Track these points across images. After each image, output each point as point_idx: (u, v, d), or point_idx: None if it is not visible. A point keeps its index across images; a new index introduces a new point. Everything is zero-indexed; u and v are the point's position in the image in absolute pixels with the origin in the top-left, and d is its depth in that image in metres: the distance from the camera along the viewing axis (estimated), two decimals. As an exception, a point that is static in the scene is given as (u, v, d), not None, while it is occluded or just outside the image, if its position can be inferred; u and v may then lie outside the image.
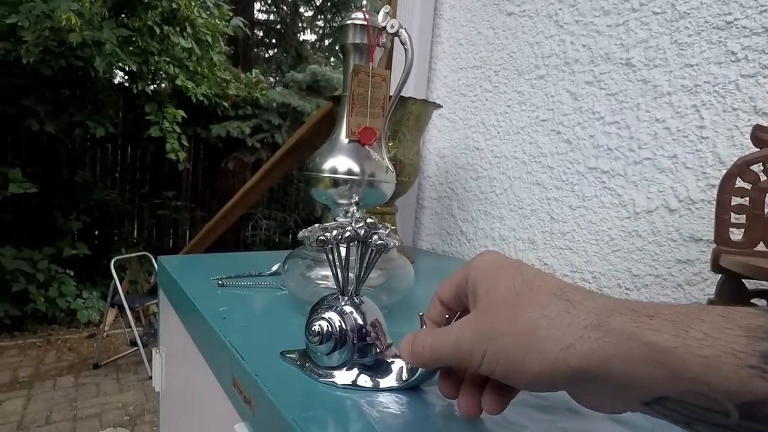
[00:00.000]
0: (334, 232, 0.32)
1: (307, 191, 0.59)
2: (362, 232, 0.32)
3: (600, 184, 0.65)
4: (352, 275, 0.33)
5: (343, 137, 0.55)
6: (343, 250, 0.34)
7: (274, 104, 3.53)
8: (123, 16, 2.43)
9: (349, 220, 0.48)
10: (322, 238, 0.32)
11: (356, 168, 0.54)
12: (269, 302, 0.48)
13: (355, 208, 0.49)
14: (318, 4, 5.66)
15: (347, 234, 0.32)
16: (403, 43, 0.56)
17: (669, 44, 0.58)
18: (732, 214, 0.38)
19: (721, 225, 0.39)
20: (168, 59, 2.69)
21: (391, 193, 0.58)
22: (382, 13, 0.56)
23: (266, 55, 5.42)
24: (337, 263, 0.33)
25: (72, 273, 2.82)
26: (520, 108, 0.77)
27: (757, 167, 0.38)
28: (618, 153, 0.63)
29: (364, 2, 0.57)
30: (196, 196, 4.12)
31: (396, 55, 0.95)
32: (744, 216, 0.38)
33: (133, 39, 2.44)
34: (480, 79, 0.84)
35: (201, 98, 2.90)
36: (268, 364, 0.32)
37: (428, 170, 0.94)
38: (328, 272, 0.45)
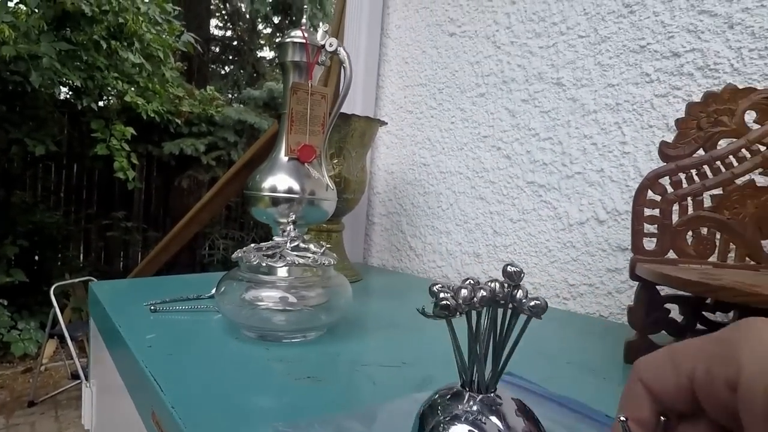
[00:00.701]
0: (464, 292, 0.20)
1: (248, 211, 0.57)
2: (498, 288, 0.21)
3: (537, 197, 0.68)
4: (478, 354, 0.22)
5: (282, 155, 0.55)
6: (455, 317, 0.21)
7: (230, 121, 3.46)
8: (67, 30, 2.33)
9: (285, 239, 0.48)
10: (446, 303, 0.20)
11: (296, 186, 0.54)
12: (202, 327, 0.46)
13: (291, 227, 0.48)
14: (276, 21, 5.66)
15: (481, 294, 0.20)
16: (341, 62, 0.56)
17: (593, 65, 0.62)
18: (645, 225, 0.41)
19: (636, 235, 0.41)
20: (116, 75, 2.59)
21: (332, 210, 0.58)
22: (321, 31, 0.56)
23: (222, 72, 5.34)
24: (468, 338, 0.21)
25: (5, 302, 2.61)
26: (463, 125, 0.79)
27: (665, 180, 0.40)
28: (552, 168, 0.66)
29: (304, 20, 0.57)
30: (149, 216, 3.95)
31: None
32: (656, 226, 0.40)
33: (77, 53, 2.33)
34: (425, 97, 0.86)
35: (152, 115, 2.80)
36: (190, 395, 0.31)
37: (378, 186, 0.95)
38: (266, 293, 0.44)
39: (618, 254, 0.58)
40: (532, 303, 0.21)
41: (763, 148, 0.37)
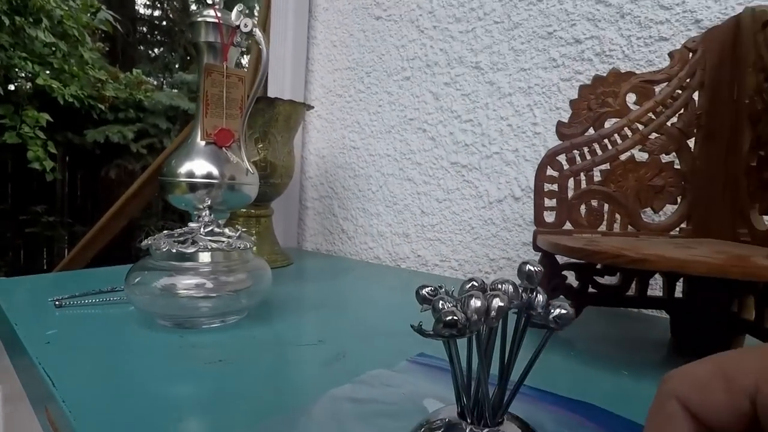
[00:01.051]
0: (475, 303, 0.15)
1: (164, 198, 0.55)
2: (512, 292, 0.17)
3: (460, 177, 0.70)
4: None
5: (199, 140, 0.53)
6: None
7: (161, 107, 3.27)
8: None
9: (199, 225, 0.47)
10: (452, 320, 0.14)
11: (215, 171, 0.52)
12: (111, 320, 0.45)
13: (207, 212, 0.47)
14: (210, 1, 5.36)
15: (497, 305, 0.15)
16: (257, 43, 0.55)
17: (508, 50, 0.64)
18: (546, 199, 0.44)
19: (538, 209, 0.44)
20: (25, 55, 2.35)
21: (254, 195, 0.57)
22: (235, 11, 0.54)
23: (152, 54, 5.00)
24: (477, 357, 0.16)
25: None
26: (390, 108, 0.80)
27: (562, 158, 0.43)
28: (473, 148, 0.69)
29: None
30: (75, 209, 3.67)
31: (273, 56, 0.94)
32: (555, 200, 0.44)
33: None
34: (354, 80, 0.86)
35: (70, 100, 2.58)
36: (85, 387, 0.30)
37: (309, 171, 0.94)
38: (181, 280, 0.43)
39: (531, 229, 0.62)
40: (557, 312, 0.16)
41: (641, 127, 0.41)
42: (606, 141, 0.42)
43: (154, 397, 0.29)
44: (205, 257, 0.44)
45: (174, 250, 0.41)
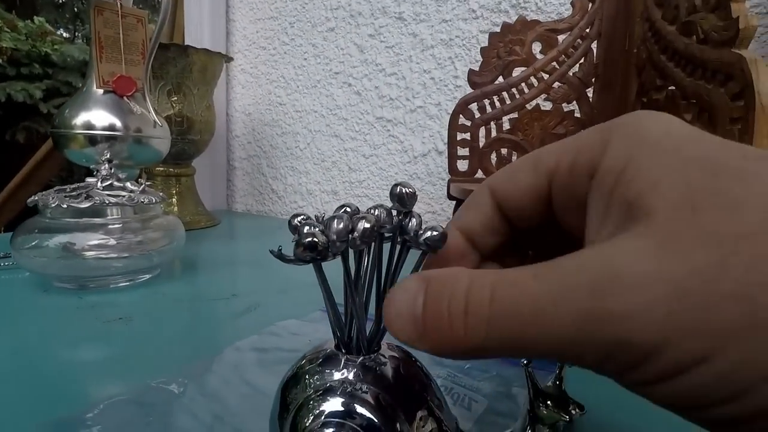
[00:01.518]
0: (337, 225, 0.14)
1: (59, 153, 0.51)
2: (384, 217, 0.15)
3: (386, 132, 0.70)
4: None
5: (95, 87, 0.48)
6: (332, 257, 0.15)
7: (74, 62, 2.94)
8: None
9: (96, 180, 0.43)
10: (311, 241, 0.14)
11: (117, 123, 0.48)
12: (1, 286, 0.41)
13: (106, 165, 0.44)
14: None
15: (363, 226, 0.14)
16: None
17: (430, 1, 0.63)
18: (458, 148, 0.45)
19: (452, 158, 0.45)
20: None
21: (165, 149, 0.53)
22: (128, -58, 0.49)
23: (58, 1, 4.43)
24: (345, 285, 0.16)
25: None
26: (315, 61, 0.77)
27: (473, 107, 0.44)
28: (398, 102, 0.68)
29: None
30: (-22, 178, 3.29)
31: (189, 2, 0.86)
32: (467, 149, 0.45)
33: None
34: (277, 32, 0.82)
35: (-42, 51, 2.25)
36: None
37: (236, 129, 0.90)
38: (79, 239, 0.40)
39: (452, 182, 0.64)
40: (428, 234, 0.15)
41: (546, 76, 0.42)
42: (514, 90, 0.43)
43: (46, 359, 0.28)
44: (110, 213, 0.41)
45: (65, 206, 0.38)
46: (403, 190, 0.15)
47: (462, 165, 0.45)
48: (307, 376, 0.16)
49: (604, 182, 0.12)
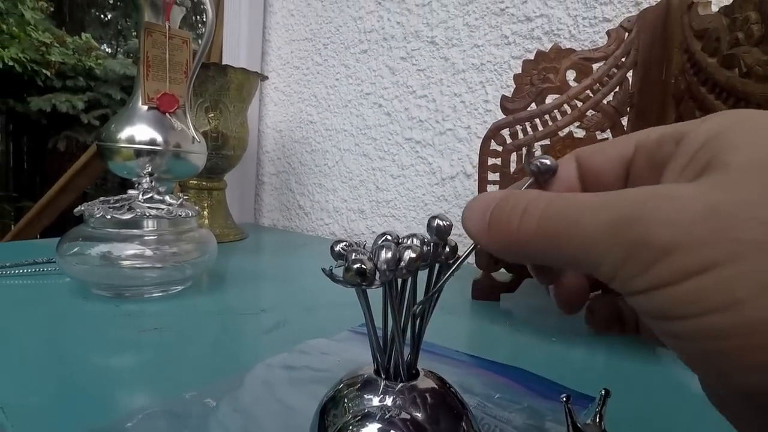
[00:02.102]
0: (385, 254, 0.15)
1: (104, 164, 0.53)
2: (425, 247, 0.16)
3: (415, 153, 0.71)
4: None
5: (141, 104, 0.51)
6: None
7: (115, 76, 3.09)
8: None
9: (138, 191, 0.45)
10: (361, 268, 0.14)
11: (158, 138, 0.50)
12: (44, 291, 0.43)
13: (147, 179, 0.46)
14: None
15: (409, 256, 0.15)
16: (201, 4, 0.53)
17: (462, 26, 0.65)
18: (489, 173, 0.45)
19: (482, 183, 0.45)
20: (-43, 13, 2.15)
21: (201, 164, 0.55)
22: (178, -32, 0.52)
23: (104, 19, 4.69)
24: (389, 313, 0.16)
25: None
26: (347, 81, 0.79)
27: (505, 132, 0.44)
28: (427, 124, 0.69)
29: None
30: (21, 183, 3.46)
31: (228, 24, 0.90)
32: (498, 174, 0.45)
33: None
34: (311, 52, 0.84)
35: (10, 63, 2.40)
36: (11, 362, 0.29)
37: (267, 145, 0.92)
38: (119, 248, 0.42)
39: (479, 204, 0.64)
40: (543, 160, 0.16)
41: (579, 104, 0.42)
42: (547, 116, 0.43)
43: (84, 365, 0.29)
44: (147, 225, 0.43)
45: (109, 216, 0.40)
46: (441, 224, 0.16)
47: (492, 189, 0.45)
48: (345, 401, 0.16)
49: (689, 144, 0.12)
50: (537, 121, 0.43)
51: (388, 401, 0.16)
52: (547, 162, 0.16)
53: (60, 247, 0.41)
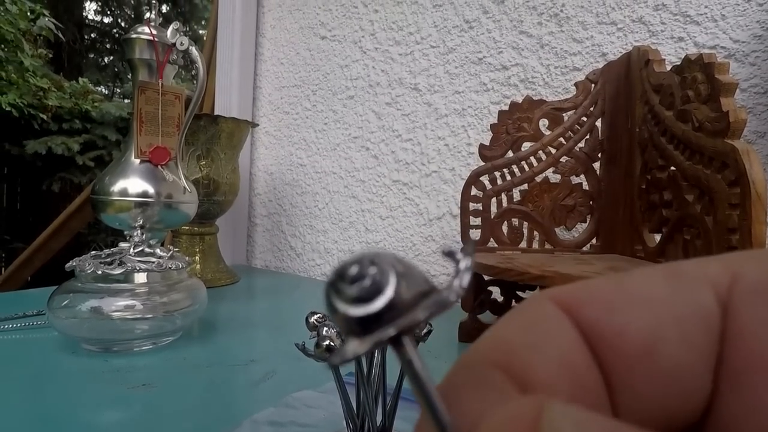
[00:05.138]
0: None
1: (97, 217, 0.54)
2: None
3: (402, 195, 0.73)
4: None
5: (133, 157, 0.52)
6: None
7: (111, 117, 3.14)
8: None
9: (129, 245, 0.46)
10: (330, 345, 0.16)
11: (150, 190, 0.52)
12: (32, 346, 0.43)
13: (138, 231, 0.47)
14: (164, 11, 5.23)
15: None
16: (193, 62, 0.55)
17: (443, 73, 0.68)
18: (471, 218, 0.47)
19: (464, 227, 0.47)
20: (-44, 62, 2.21)
21: (192, 213, 0.56)
22: (171, 29, 0.55)
23: (101, 63, 4.81)
24: (358, 383, 0.17)
25: None
26: (335, 126, 0.82)
27: (485, 178, 0.46)
28: (414, 167, 0.71)
29: (151, 16, 0.55)
30: (14, 225, 3.44)
31: (220, 72, 0.94)
32: (479, 219, 0.46)
33: None
34: (300, 98, 0.87)
35: (8, 108, 2.44)
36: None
37: (258, 187, 0.94)
38: (109, 303, 0.42)
39: (466, 244, 0.65)
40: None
41: (553, 151, 0.44)
42: (523, 163, 0.45)
43: (70, 424, 0.29)
44: (137, 278, 0.44)
45: (100, 272, 0.41)
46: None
47: (474, 234, 0.47)
48: None
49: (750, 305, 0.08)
50: (514, 167, 0.45)
51: None
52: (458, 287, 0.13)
53: (50, 302, 0.42)
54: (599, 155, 0.44)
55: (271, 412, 0.30)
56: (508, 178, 0.46)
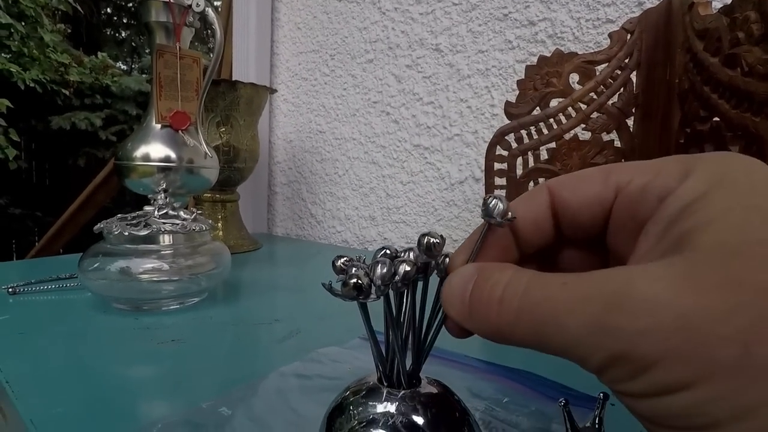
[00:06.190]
0: (380, 270, 0.15)
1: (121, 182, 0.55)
2: (416, 257, 0.16)
3: (423, 159, 0.71)
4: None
5: (154, 123, 0.52)
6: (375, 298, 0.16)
7: (130, 92, 3.17)
8: None
9: (153, 208, 0.46)
10: (357, 282, 0.15)
11: (172, 155, 0.52)
12: (67, 306, 0.44)
13: (162, 195, 0.47)
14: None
15: (404, 269, 0.16)
16: (210, 24, 0.54)
17: (466, 32, 0.65)
18: (496, 178, 0.45)
19: (489, 188, 0.45)
20: (-20, 38, 2.24)
21: (214, 178, 0.57)
22: (187, -10, 0.53)
23: (119, 37, 4.81)
24: (387, 325, 0.17)
25: None
26: (354, 91, 0.80)
27: (510, 137, 0.45)
28: (435, 131, 0.70)
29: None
30: (44, 200, 3.55)
31: (237, 38, 0.93)
32: (504, 179, 0.45)
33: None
34: (318, 63, 0.86)
35: (32, 85, 2.48)
36: (33, 370, 0.30)
37: (278, 156, 0.94)
38: (137, 263, 0.43)
39: (489, 209, 0.64)
40: (500, 209, 0.15)
41: (584, 107, 0.42)
42: (551, 120, 0.43)
43: (106, 377, 0.30)
44: (163, 240, 0.44)
45: (126, 233, 0.41)
46: (431, 240, 0.16)
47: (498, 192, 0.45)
48: (351, 407, 0.17)
49: (670, 208, 0.12)
50: (542, 125, 0.44)
51: (391, 408, 0.16)
52: (499, 219, 0.15)
53: (81, 264, 0.43)
54: (633, 110, 0.42)
55: (297, 365, 0.31)
56: (535, 136, 0.44)
